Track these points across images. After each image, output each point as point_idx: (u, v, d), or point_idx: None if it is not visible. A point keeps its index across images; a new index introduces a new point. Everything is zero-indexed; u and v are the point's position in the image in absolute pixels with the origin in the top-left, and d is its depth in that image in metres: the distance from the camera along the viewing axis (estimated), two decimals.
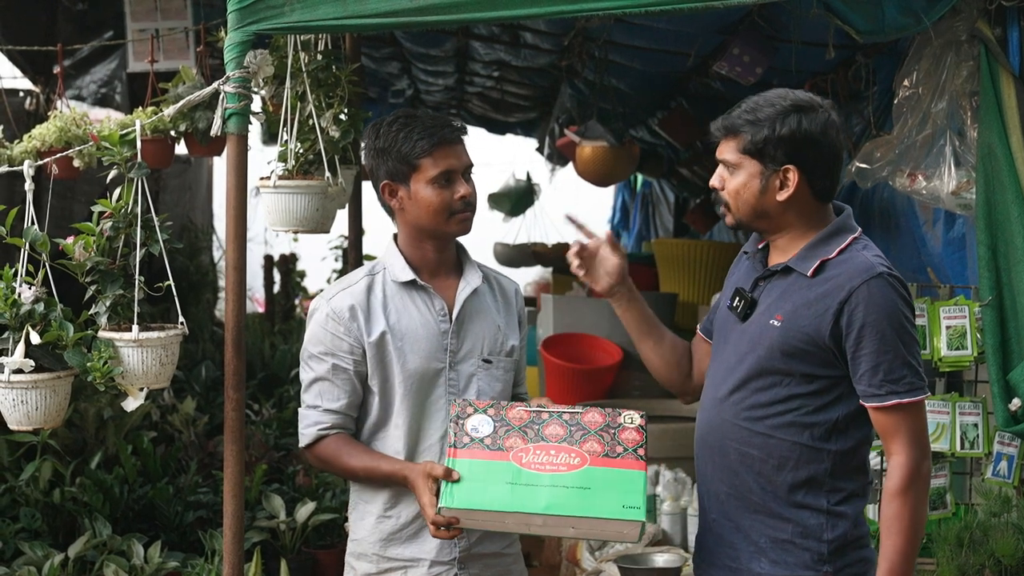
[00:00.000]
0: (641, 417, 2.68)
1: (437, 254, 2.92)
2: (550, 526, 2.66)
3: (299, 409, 2.92)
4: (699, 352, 2.97)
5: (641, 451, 2.64)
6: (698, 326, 3.02)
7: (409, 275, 2.88)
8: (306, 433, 2.88)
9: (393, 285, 2.90)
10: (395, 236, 2.97)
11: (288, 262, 10.20)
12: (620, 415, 2.68)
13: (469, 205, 2.85)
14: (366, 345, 2.84)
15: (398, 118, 2.87)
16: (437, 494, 2.63)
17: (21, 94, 6.46)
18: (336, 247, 9.55)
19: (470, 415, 2.68)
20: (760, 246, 2.80)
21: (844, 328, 2.58)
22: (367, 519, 2.90)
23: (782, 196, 2.66)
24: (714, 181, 2.75)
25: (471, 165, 2.89)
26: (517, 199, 10.84)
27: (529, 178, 10.73)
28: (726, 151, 2.70)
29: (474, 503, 2.60)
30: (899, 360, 2.57)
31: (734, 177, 2.69)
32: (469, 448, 2.64)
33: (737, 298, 2.75)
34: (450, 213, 2.83)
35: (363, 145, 2.95)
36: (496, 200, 10.92)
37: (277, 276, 10.11)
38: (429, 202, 2.82)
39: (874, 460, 3.88)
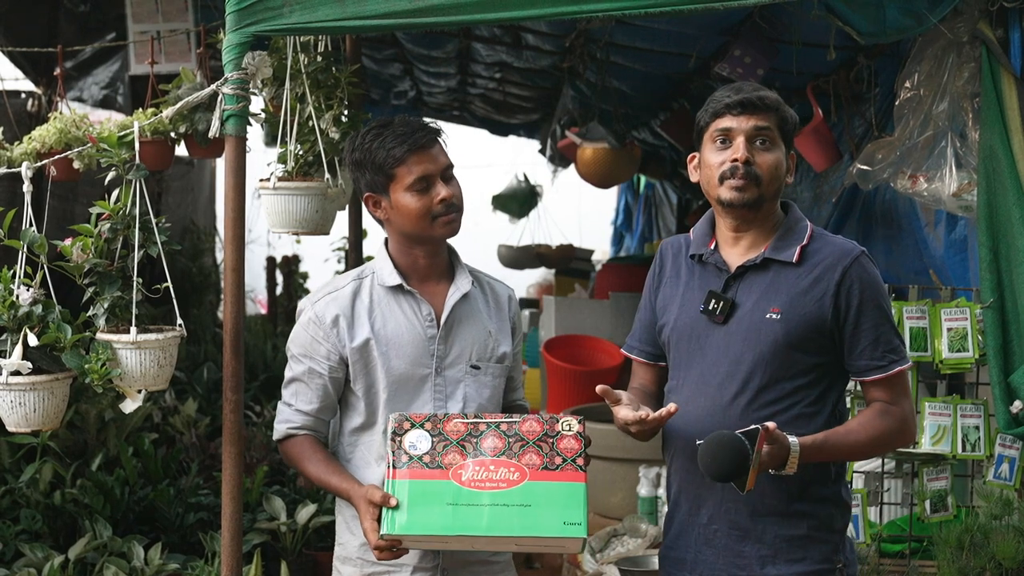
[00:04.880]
0: (579, 423, 2.67)
1: (427, 260, 2.90)
2: (494, 543, 2.67)
3: (279, 402, 2.95)
4: (649, 380, 2.92)
5: (580, 460, 2.62)
6: (632, 355, 2.92)
7: (396, 280, 2.87)
8: (278, 428, 2.94)
9: (380, 289, 2.89)
10: (386, 240, 2.96)
11: (291, 264, 10.19)
12: (558, 422, 2.66)
13: (452, 207, 2.82)
14: (348, 352, 2.84)
15: (371, 128, 2.85)
16: (379, 518, 2.62)
17: (23, 96, 6.45)
18: (339, 248, 9.55)
19: (407, 430, 2.66)
20: (711, 247, 2.77)
21: (843, 307, 2.64)
22: (350, 523, 2.91)
23: (789, 179, 2.74)
24: (743, 154, 2.65)
25: (450, 165, 2.85)
26: (523, 200, 10.83)
27: (527, 179, 10.73)
28: (768, 121, 2.66)
29: (416, 528, 2.59)
30: (892, 331, 2.69)
31: (770, 152, 2.67)
32: (408, 467, 2.62)
33: (712, 301, 2.70)
34: (433, 217, 2.81)
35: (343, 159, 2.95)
36: (502, 202, 10.92)
37: (280, 278, 10.11)
38: (410, 209, 2.80)
39: (874, 464, 3.88)
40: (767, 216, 2.71)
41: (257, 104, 3.68)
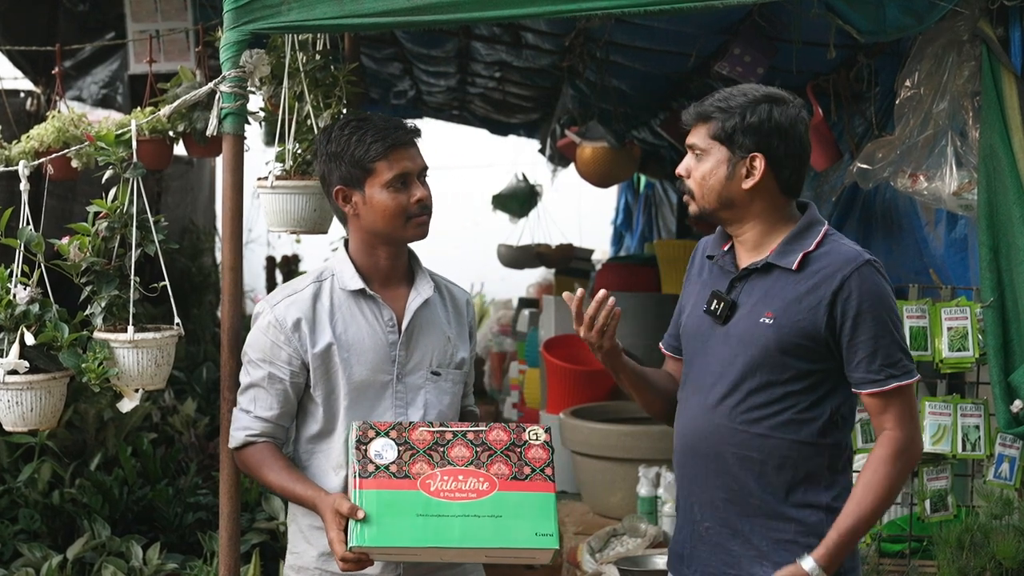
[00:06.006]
0: (546, 433, 2.66)
1: (389, 261, 2.86)
2: (464, 555, 2.64)
3: (234, 409, 2.89)
4: (677, 373, 2.94)
5: (549, 470, 2.61)
6: (662, 346, 3.00)
7: (358, 284, 2.82)
8: (235, 436, 2.86)
9: (341, 293, 2.83)
10: (346, 242, 2.91)
11: (290, 263, 10.20)
12: (524, 431, 2.65)
13: (426, 209, 2.79)
14: (309, 357, 2.78)
15: (350, 122, 2.81)
16: (346, 529, 2.56)
17: (22, 95, 6.45)
18: (338, 248, 9.53)
19: (372, 439, 2.61)
20: (725, 248, 2.78)
21: (839, 318, 2.60)
22: (306, 532, 2.84)
23: (748, 184, 2.67)
24: (680, 169, 2.73)
25: (426, 168, 2.82)
26: (523, 200, 10.83)
27: (527, 178, 10.72)
28: (695, 137, 2.71)
29: (386, 540, 2.55)
30: (895, 345, 2.61)
31: (701, 163, 2.69)
32: (375, 478, 2.57)
33: (715, 301, 2.71)
34: (407, 217, 2.77)
35: (316, 151, 2.90)
36: (502, 201, 10.91)
37: (279, 277, 10.11)
38: (384, 206, 2.76)
39: None
40: (749, 217, 2.71)
41: (255, 102, 3.67)
